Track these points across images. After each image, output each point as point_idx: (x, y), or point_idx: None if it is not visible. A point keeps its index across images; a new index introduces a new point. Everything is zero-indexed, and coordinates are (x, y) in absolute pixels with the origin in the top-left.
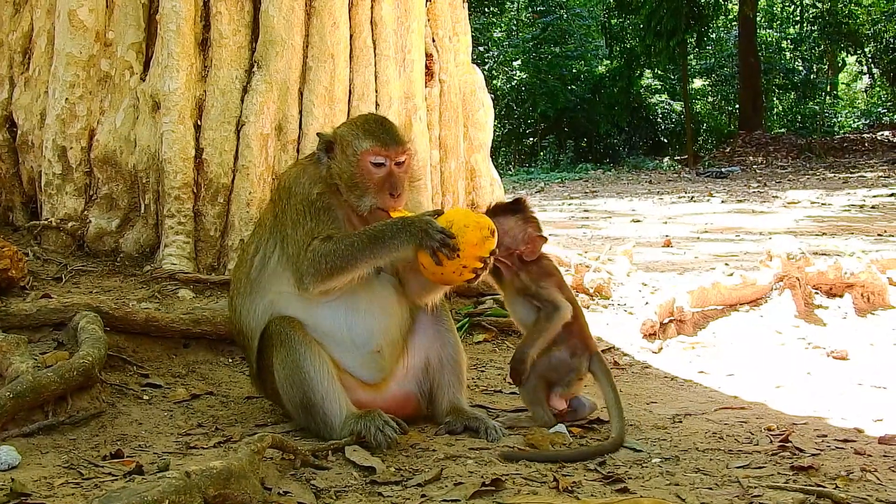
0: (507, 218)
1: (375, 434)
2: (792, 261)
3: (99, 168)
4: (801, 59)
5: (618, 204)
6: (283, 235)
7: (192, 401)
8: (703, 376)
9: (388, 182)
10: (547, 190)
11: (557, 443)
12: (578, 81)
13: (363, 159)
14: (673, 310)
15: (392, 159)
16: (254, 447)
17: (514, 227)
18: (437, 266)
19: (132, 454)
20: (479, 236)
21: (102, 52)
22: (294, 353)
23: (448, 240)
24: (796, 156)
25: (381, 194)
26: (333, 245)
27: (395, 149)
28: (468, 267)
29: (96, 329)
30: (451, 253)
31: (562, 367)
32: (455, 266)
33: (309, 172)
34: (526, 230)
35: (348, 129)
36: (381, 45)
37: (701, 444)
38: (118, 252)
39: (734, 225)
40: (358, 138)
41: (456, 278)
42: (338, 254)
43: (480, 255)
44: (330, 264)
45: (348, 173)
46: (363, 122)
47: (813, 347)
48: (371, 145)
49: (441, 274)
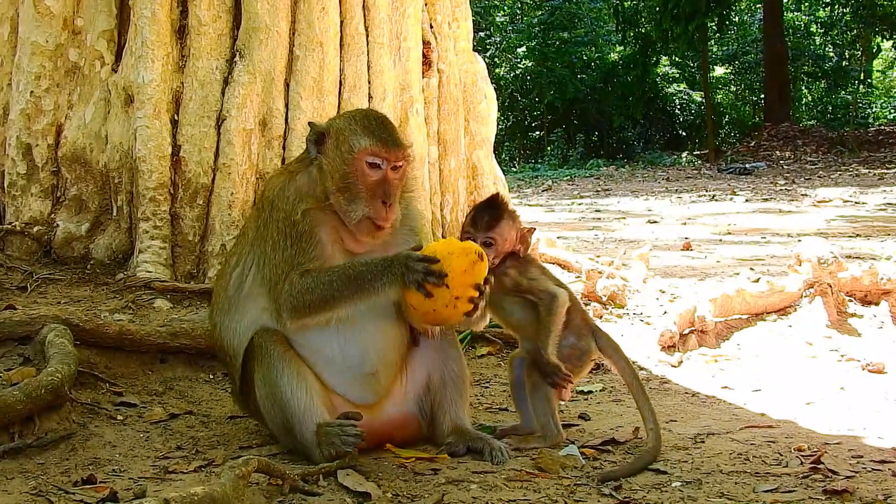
0: (501, 225)
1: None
2: (823, 265)
3: (67, 167)
4: (833, 45)
5: (632, 203)
6: (263, 253)
7: (171, 421)
8: (727, 392)
9: (381, 188)
10: (555, 188)
11: (569, 466)
12: (589, 70)
13: (359, 158)
14: (694, 319)
15: (390, 162)
16: (238, 472)
17: (508, 230)
18: (428, 301)
19: (105, 479)
20: (466, 262)
21: (71, 41)
22: (272, 369)
23: (431, 266)
24: (827, 150)
25: (373, 202)
26: (312, 283)
27: (395, 152)
28: (461, 298)
29: (65, 343)
30: (438, 280)
31: (573, 354)
32: (447, 299)
33: (296, 184)
34: (517, 228)
35: (345, 122)
36: (374, 32)
37: (725, 466)
38: (88, 258)
39: (759, 226)
40: (356, 134)
41: (452, 313)
42: (316, 293)
43: (473, 282)
44: (308, 303)
45: (340, 172)
46: (363, 118)
47: (847, 360)
48: (370, 144)
49: (434, 311)
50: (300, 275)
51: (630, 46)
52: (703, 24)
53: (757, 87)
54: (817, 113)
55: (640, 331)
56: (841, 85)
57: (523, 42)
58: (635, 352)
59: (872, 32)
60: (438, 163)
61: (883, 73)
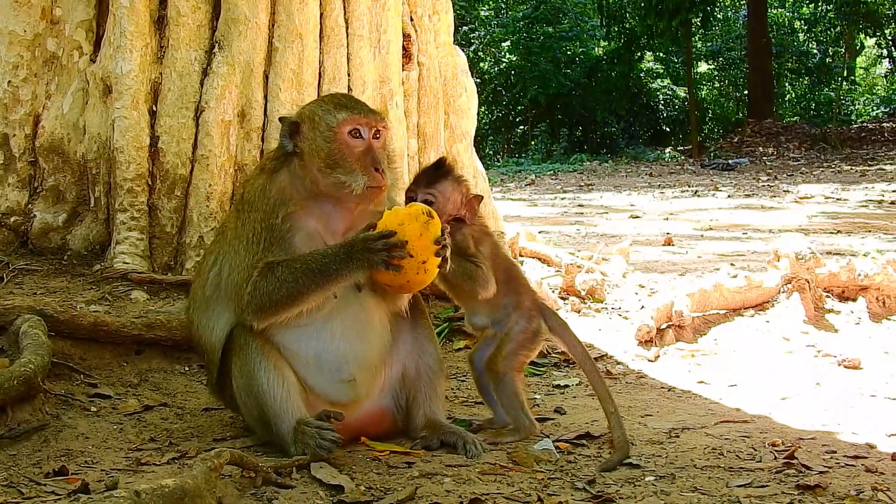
0: (443, 183)
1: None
2: (801, 261)
3: (44, 157)
4: (816, 41)
5: (615, 198)
6: (236, 253)
7: (145, 413)
8: (703, 387)
9: (369, 155)
10: (538, 183)
11: (543, 460)
12: (573, 64)
13: (340, 131)
14: (671, 314)
15: (371, 128)
16: (210, 464)
17: (451, 191)
18: (399, 275)
19: (78, 471)
20: (419, 225)
21: (49, 31)
22: (249, 361)
23: (390, 241)
24: (810, 146)
25: (368, 170)
26: (276, 281)
27: (373, 117)
28: (428, 260)
29: (39, 334)
30: (402, 252)
31: (525, 337)
32: (415, 267)
33: (278, 184)
34: (462, 192)
35: (316, 105)
36: (354, 25)
37: (699, 461)
38: (65, 249)
39: (741, 222)
40: (329, 112)
41: (424, 277)
42: (282, 291)
43: (431, 241)
44: (274, 302)
45: (325, 151)
46: (331, 97)
47: (823, 355)
48: (346, 115)
49: (408, 282)
50: (261, 272)
51: (614, 41)
52: (687, 19)
53: (740, 83)
54: (800, 109)
55: (617, 325)
56: (824, 81)
57: (508, 36)
58: (612, 346)
59: (856, 29)
60: (418, 156)
61: (866, 69)
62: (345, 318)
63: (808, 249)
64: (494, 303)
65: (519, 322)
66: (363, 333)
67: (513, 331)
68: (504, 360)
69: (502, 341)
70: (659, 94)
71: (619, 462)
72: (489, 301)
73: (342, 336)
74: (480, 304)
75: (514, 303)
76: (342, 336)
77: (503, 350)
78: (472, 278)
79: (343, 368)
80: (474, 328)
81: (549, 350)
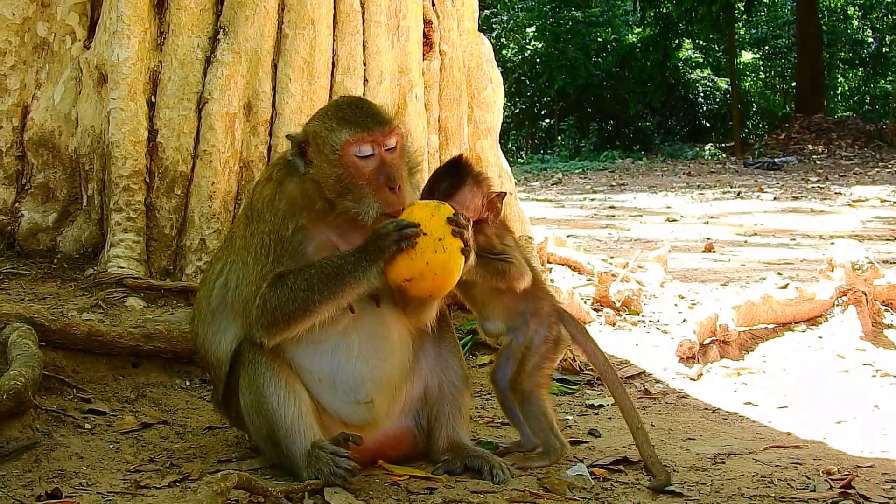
0: (461, 192)
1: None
2: (858, 271)
3: (33, 152)
4: (872, 29)
5: (650, 200)
6: (245, 264)
7: (143, 431)
8: (751, 408)
9: (381, 175)
10: (566, 182)
11: (577, 487)
12: (604, 53)
13: (345, 154)
14: (715, 328)
15: (380, 145)
16: (216, 487)
17: (471, 197)
18: (417, 258)
19: (72, 493)
20: (427, 209)
21: (39, 15)
22: (258, 377)
23: (399, 220)
24: (864, 144)
25: (380, 192)
26: (287, 289)
27: (381, 131)
28: (444, 237)
29: (29, 344)
30: (414, 228)
31: (546, 346)
32: (431, 245)
33: (287, 194)
34: (483, 192)
35: (320, 121)
36: (370, 9)
37: (747, 490)
38: (55, 252)
39: (789, 227)
40: (333, 131)
41: (446, 258)
42: (294, 300)
43: (443, 219)
44: (285, 312)
45: (333, 176)
46: (335, 109)
47: (882, 375)
48: (351, 134)
49: (428, 265)
50: (270, 285)
51: (649, 28)
52: (729, 3)
53: (788, 74)
54: (854, 103)
55: (656, 340)
56: (880, 73)
57: (533, 21)
58: (651, 363)
59: None
60: (439, 153)
61: None
62: (362, 335)
63: (866, 258)
64: (511, 307)
65: (539, 331)
66: (382, 351)
67: (533, 342)
68: (529, 378)
69: (524, 356)
70: (698, 86)
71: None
72: (506, 306)
73: (359, 355)
74: (495, 308)
75: (532, 308)
76: (359, 355)
77: (526, 366)
78: (504, 275)
79: (360, 390)
80: (487, 334)
81: (581, 367)
